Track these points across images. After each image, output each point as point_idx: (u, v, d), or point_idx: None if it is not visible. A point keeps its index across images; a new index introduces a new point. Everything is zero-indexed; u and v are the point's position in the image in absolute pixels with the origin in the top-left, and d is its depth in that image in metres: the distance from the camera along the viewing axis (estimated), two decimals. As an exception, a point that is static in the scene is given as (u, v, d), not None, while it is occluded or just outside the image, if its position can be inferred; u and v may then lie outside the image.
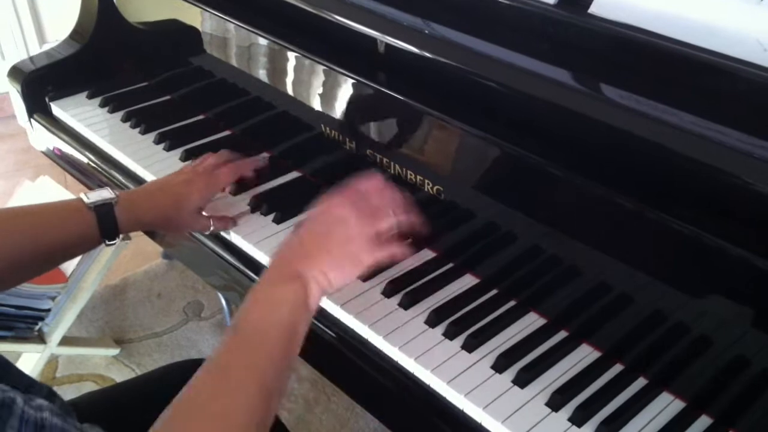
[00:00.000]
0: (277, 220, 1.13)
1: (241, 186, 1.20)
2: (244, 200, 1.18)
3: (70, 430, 0.62)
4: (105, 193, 0.99)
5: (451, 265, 1.05)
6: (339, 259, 0.83)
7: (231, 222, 1.14)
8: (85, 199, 0.98)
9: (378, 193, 0.89)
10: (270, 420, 0.73)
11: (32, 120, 1.49)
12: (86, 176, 1.42)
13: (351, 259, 0.84)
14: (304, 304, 0.79)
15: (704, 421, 0.84)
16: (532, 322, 0.96)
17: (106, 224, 0.98)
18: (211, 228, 1.12)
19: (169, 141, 1.33)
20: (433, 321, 0.95)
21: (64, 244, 0.97)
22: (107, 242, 0.99)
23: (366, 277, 1.02)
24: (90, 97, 1.48)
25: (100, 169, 1.36)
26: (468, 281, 1.03)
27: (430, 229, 1.07)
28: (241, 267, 1.10)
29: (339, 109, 1.11)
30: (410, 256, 0.89)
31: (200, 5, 1.28)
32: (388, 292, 1.00)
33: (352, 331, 0.97)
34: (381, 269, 1.01)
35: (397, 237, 0.89)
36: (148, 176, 1.25)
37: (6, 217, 0.95)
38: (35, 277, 0.99)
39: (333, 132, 1.14)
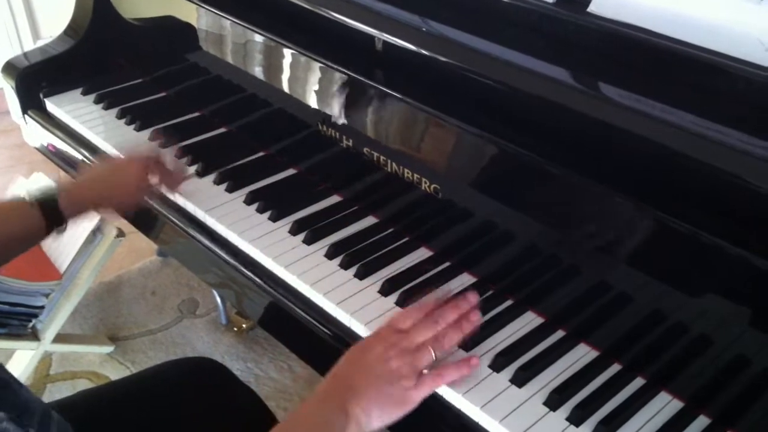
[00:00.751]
0: (273, 218, 1.13)
1: (237, 182, 1.20)
2: (240, 197, 1.18)
3: None
4: (46, 187, 1.03)
5: (448, 263, 1.05)
6: (381, 399, 0.81)
7: (178, 176, 1.19)
8: (27, 197, 1.01)
9: (417, 327, 0.87)
10: None
11: (26, 116, 1.48)
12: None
13: (393, 400, 0.82)
14: None
15: (702, 420, 0.84)
16: (529, 321, 0.96)
17: (52, 217, 1.01)
18: (157, 183, 1.16)
19: (165, 138, 1.32)
20: (430, 320, 0.95)
21: (10, 242, 1.00)
22: (57, 232, 1.03)
23: (363, 276, 1.02)
24: (85, 93, 1.48)
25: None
26: (465, 280, 1.02)
27: (425, 227, 1.07)
28: (236, 264, 1.10)
29: (336, 107, 1.11)
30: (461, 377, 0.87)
31: (196, 2, 1.27)
32: (386, 290, 1.00)
33: (348, 328, 0.97)
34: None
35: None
36: (144, 173, 1.24)
37: None
38: None
39: (330, 130, 1.14)
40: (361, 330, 0.95)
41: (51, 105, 1.45)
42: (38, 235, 1.02)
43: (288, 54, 1.15)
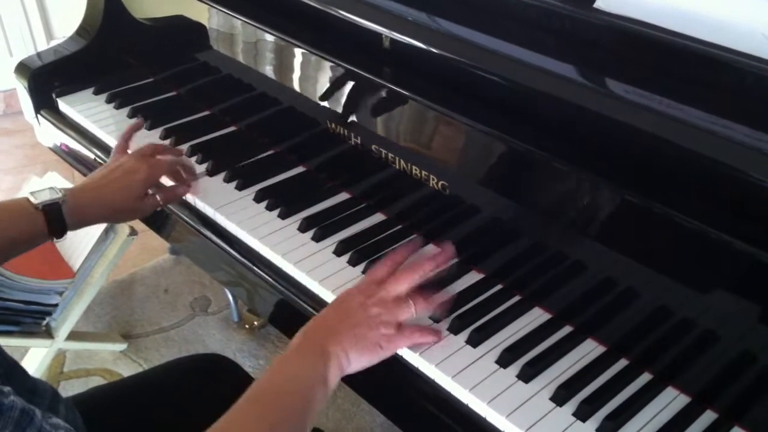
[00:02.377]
0: (282, 215, 1.13)
1: (246, 180, 1.20)
2: (250, 195, 1.18)
3: None
4: (52, 193, 1.01)
5: (455, 260, 1.05)
6: (360, 342, 0.85)
7: (180, 189, 1.17)
8: (33, 200, 1.00)
9: (399, 278, 0.90)
10: None
11: (39, 116, 1.50)
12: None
13: (371, 344, 0.86)
14: (323, 379, 0.81)
15: (709, 416, 0.84)
16: (536, 317, 0.96)
17: (54, 223, 1.00)
18: (160, 202, 1.14)
19: (176, 137, 1.33)
20: (437, 316, 0.95)
21: (9, 243, 0.99)
22: (55, 240, 1.02)
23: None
24: (96, 93, 1.49)
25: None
26: (473, 276, 1.03)
27: (433, 224, 1.07)
28: (247, 263, 1.11)
29: (344, 105, 1.11)
30: (435, 342, 0.91)
31: (206, 1, 1.28)
32: (393, 287, 1.00)
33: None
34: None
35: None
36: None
37: None
38: None
39: (338, 127, 1.14)
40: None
41: (63, 105, 1.46)
42: (37, 239, 1.01)
43: (297, 53, 1.15)
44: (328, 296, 1.00)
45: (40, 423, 0.60)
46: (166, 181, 1.19)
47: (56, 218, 1.00)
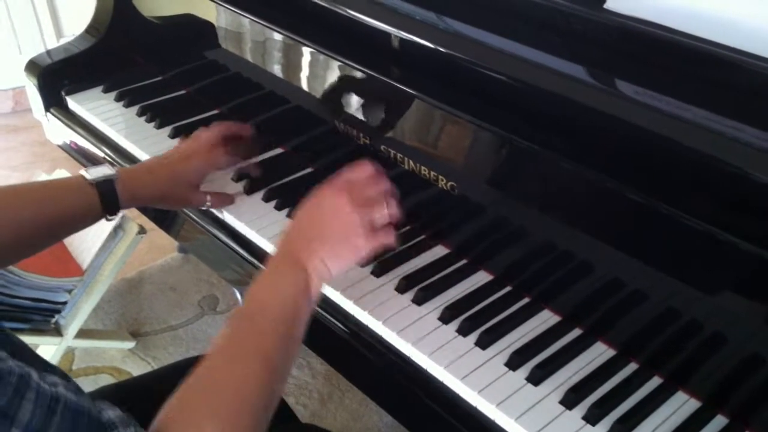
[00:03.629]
0: (291, 215, 1.13)
1: (254, 183, 1.20)
2: (258, 194, 1.18)
3: (84, 404, 0.63)
4: (106, 170, 1.02)
5: (464, 261, 1.05)
6: (337, 247, 0.86)
7: (228, 199, 1.16)
8: (87, 176, 1.00)
9: (369, 181, 0.92)
10: (275, 400, 0.76)
11: (48, 114, 1.50)
12: (102, 170, 1.43)
13: (348, 247, 0.87)
14: (306, 290, 0.83)
15: (720, 420, 0.84)
16: (546, 319, 0.96)
17: (108, 199, 1.01)
18: (208, 203, 1.14)
19: (185, 135, 1.33)
20: (446, 317, 0.95)
21: (65, 220, 0.99)
22: (108, 217, 1.02)
23: (379, 273, 1.02)
24: (106, 91, 1.49)
25: (115, 163, 1.36)
26: (481, 278, 1.02)
27: (442, 224, 1.07)
28: (255, 262, 1.11)
29: (353, 105, 1.11)
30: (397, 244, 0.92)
31: (215, 0, 1.28)
32: (402, 288, 1.00)
33: (365, 326, 0.97)
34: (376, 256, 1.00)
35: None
36: (163, 171, 1.25)
37: (9, 194, 0.97)
38: (36, 253, 1.01)
39: (347, 127, 1.14)
40: (381, 329, 0.95)
41: (72, 103, 1.47)
42: (90, 217, 1.01)
43: (306, 52, 1.15)
44: (337, 296, 1.00)
45: (37, 384, 0.60)
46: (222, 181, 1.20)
47: (109, 195, 1.01)
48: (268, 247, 1.09)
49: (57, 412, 0.60)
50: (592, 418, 0.83)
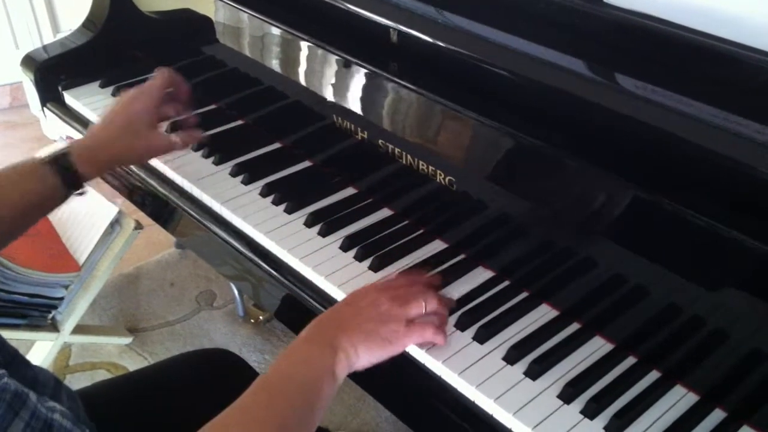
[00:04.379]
0: (289, 210, 1.13)
1: (252, 174, 1.20)
2: (256, 189, 1.18)
3: None
4: (58, 145, 1.01)
5: (462, 256, 1.05)
6: (370, 336, 0.85)
7: (195, 134, 1.17)
8: (40, 155, 0.99)
9: (409, 283, 0.92)
10: None
11: (45, 109, 1.50)
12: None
13: (381, 339, 0.85)
14: (331, 369, 0.81)
15: (718, 414, 0.84)
16: (544, 313, 0.96)
17: (68, 174, 0.99)
18: (176, 143, 1.13)
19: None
20: (444, 312, 0.95)
21: (32, 203, 0.98)
22: (75, 193, 1.01)
23: (377, 268, 1.02)
24: (103, 86, 1.48)
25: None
26: (480, 272, 1.02)
27: (440, 219, 1.07)
28: (253, 257, 1.10)
29: (351, 99, 1.11)
30: (443, 342, 0.90)
31: (213, -6, 1.27)
32: (400, 282, 1.00)
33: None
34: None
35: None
36: (161, 165, 1.25)
37: None
38: (13, 240, 1.00)
39: (345, 122, 1.14)
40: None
41: (69, 98, 1.46)
42: (55, 198, 1.00)
43: (304, 46, 1.15)
44: (334, 291, 1.00)
45: (35, 405, 0.60)
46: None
47: (67, 168, 0.99)
48: (266, 242, 1.09)
49: None
50: (589, 412, 0.83)
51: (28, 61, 1.49)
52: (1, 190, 0.96)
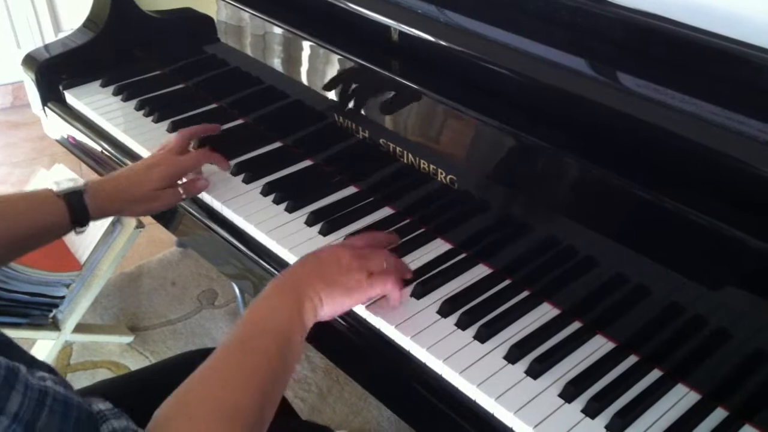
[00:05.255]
0: (290, 209, 1.13)
1: (254, 173, 1.20)
2: (257, 188, 1.18)
3: (73, 397, 0.64)
4: (74, 183, 1.04)
5: (464, 254, 1.04)
6: (333, 287, 0.89)
7: (199, 183, 1.17)
8: (55, 188, 1.02)
9: (371, 242, 1.00)
10: (265, 424, 0.76)
11: (46, 108, 1.50)
12: (101, 164, 1.43)
13: (343, 288, 0.90)
14: (299, 315, 0.85)
15: (720, 413, 0.84)
16: (545, 312, 0.96)
17: (77, 212, 1.02)
18: (183, 196, 1.15)
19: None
20: (445, 311, 0.95)
21: (35, 233, 1.01)
22: (77, 230, 1.04)
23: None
24: (104, 85, 1.49)
25: (114, 158, 1.36)
26: (481, 271, 1.02)
27: (441, 218, 1.07)
28: (254, 256, 1.10)
29: (352, 98, 1.11)
30: (398, 297, 0.94)
31: (214, -7, 1.27)
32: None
33: (364, 320, 0.97)
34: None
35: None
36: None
37: None
38: (4, 265, 1.02)
39: (346, 121, 1.14)
40: (379, 323, 0.95)
41: (70, 97, 1.46)
42: (60, 229, 1.03)
43: (305, 45, 1.15)
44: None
45: (26, 377, 0.61)
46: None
47: (78, 207, 1.02)
48: (267, 241, 1.09)
49: (46, 404, 0.60)
50: (591, 411, 0.83)
51: (30, 61, 1.49)
52: (16, 216, 0.99)
